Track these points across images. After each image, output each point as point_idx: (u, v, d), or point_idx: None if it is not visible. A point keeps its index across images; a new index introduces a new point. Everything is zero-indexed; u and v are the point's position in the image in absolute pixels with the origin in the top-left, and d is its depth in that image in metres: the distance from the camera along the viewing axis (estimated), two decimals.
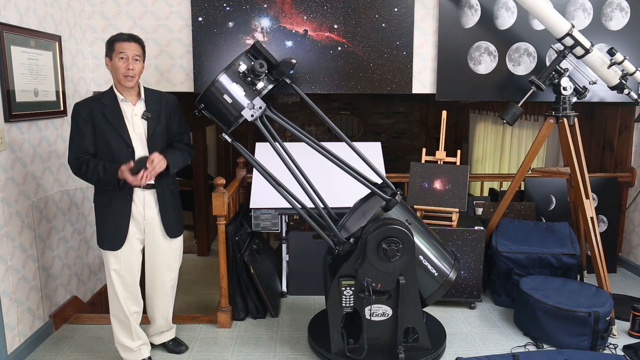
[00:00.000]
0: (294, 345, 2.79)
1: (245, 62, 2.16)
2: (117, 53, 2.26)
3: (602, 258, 2.97)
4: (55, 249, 2.96)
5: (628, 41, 3.46)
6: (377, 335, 2.43)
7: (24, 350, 2.62)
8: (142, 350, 2.52)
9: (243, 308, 3.08)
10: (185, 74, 3.40)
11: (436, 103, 5.95)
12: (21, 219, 2.63)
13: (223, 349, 2.76)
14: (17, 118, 2.56)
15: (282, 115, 2.31)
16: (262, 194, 3.19)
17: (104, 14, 3.32)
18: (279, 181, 2.36)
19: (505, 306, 3.24)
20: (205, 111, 2.21)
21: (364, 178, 2.40)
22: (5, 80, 2.47)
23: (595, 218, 3.02)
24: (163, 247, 2.47)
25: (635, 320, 2.85)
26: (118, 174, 2.22)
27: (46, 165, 2.87)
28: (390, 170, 3.43)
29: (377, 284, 2.32)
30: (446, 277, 2.42)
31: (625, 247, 4.03)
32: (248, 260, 3.00)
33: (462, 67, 3.44)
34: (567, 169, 3.14)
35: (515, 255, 3.17)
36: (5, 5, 2.48)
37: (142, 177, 2.21)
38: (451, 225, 3.14)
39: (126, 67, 2.26)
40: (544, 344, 2.76)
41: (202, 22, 3.30)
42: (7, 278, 2.51)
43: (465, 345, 2.78)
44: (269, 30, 3.33)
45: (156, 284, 2.54)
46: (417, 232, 2.38)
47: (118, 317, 2.45)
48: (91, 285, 3.41)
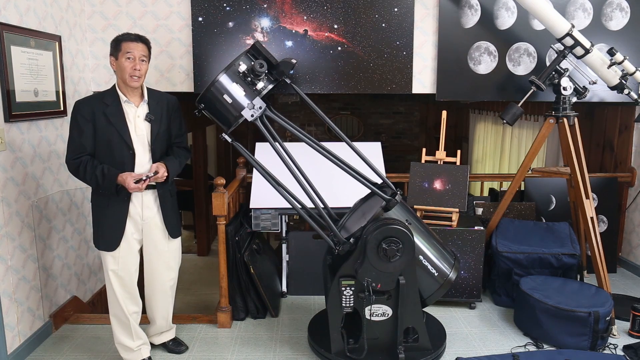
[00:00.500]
0: (294, 345, 2.79)
1: (245, 62, 2.16)
2: (123, 53, 2.24)
3: (602, 258, 2.98)
4: (55, 249, 2.96)
5: (628, 41, 3.46)
6: (377, 335, 2.43)
7: (24, 350, 2.62)
8: (142, 350, 2.52)
9: (243, 308, 3.08)
10: (185, 74, 3.40)
11: (436, 103, 5.95)
12: (21, 219, 2.63)
13: (223, 349, 2.76)
14: (17, 118, 2.56)
15: (282, 115, 2.31)
16: (262, 194, 3.19)
17: (104, 14, 3.32)
18: (279, 181, 2.36)
19: (505, 306, 3.24)
20: (205, 111, 2.21)
21: (364, 178, 2.40)
22: (5, 80, 2.47)
23: (595, 218, 3.02)
24: (162, 247, 2.47)
25: (635, 320, 2.85)
26: (117, 179, 2.22)
27: (46, 165, 2.87)
28: (390, 170, 3.43)
29: (377, 284, 2.32)
30: (446, 277, 2.42)
31: (625, 247, 4.03)
32: (248, 260, 3.00)
33: (462, 67, 3.44)
34: (567, 169, 3.14)
35: (515, 255, 3.17)
36: (5, 5, 2.48)
37: (143, 185, 2.23)
38: (451, 225, 3.14)
39: (133, 67, 2.24)
40: (544, 344, 2.76)
41: (202, 22, 3.30)
42: (7, 278, 2.51)
43: (465, 345, 2.78)
44: (269, 30, 3.33)
45: (155, 285, 2.54)
46: (417, 232, 2.38)
47: (118, 317, 2.45)
48: (91, 285, 3.41)
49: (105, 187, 2.26)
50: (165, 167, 2.32)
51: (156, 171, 2.27)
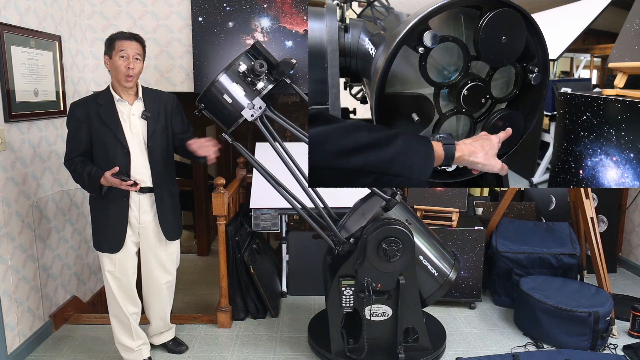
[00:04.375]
0: (294, 345, 2.79)
1: (245, 62, 2.16)
2: (117, 51, 2.23)
3: (602, 258, 2.97)
4: (55, 249, 2.96)
5: None
6: (377, 335, 2.43)
7: (24, 351, 2.62)
8: (142, 350, 2.52)
9: (243, 308, 3.08)
10: (185, 74, 3.40)
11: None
12: (21, 219, 2.63)
13: (223, 349, 2.76)
14: (17, 118, 2.56)
15: (282, 115, 2.31)
16: (262, 194, 3.19)
17: (104, 14, 3.32)
18: (279, 181, 2.36)
19: (505, 306, 3.24)
20: (205, 111, 2.21)
21: None
22: (5, 80, 2.47)
23: (595, 218, 3.02)
24: (158, 250, 2.46)
25: (635, 320, 2.85)
26: (100, 181, 2.20)
27: (46, 165, 2.87)
28: None
29: (377, 284, 2.32)
30: (446, 277, 2.42)
31: (625, 247, 4.03)
32: (248, 260, 3.00)
33: None
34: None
35: (515, 255, 3.17)
36: (5, 5, 2.48)
37: (131, 183, 2.19)
38: (451, 225, 3.14)
39: (126, 66, 2.23)
40: (544, 344, 2.76)
41: (202, 22, 3.30)
42: (7, 278, 2.51)
43: (465, 345, 2.78)
44: (269, 30, 3.33)
45: (152, 286, 2.53)
46: (417, 232, 2.38)
47: (118, 317, 2.45)
48: (91, 285, 3.41)
49: (90, 188, 2.26)
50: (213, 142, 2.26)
51: (135, 182, 2.21)
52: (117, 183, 2.18)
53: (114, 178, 2.17)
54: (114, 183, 2.18)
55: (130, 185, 2.19)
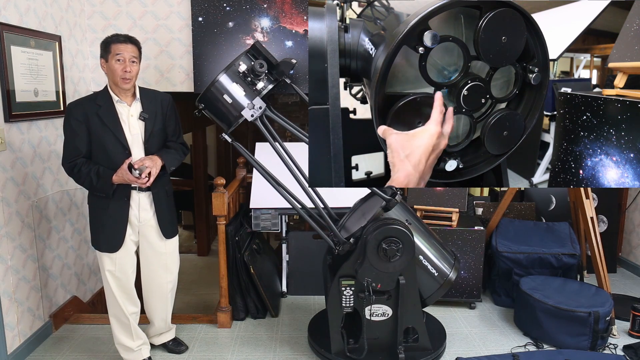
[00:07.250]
0: (294, 345, 2.79)
1: (245, 62, 2.16)
2: (113, 55, 2.22)
3: (602, 258, 2.97)
4: (55, 249, 2.96)
5: None
6: (377, 335, 2.43)
7: (24, 351, 2.62)
8: (142, 350, 2.52)
9: (243, 308, 3.08)
10: (185, 74, 3.40)
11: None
12: (21, 219, 2.63)
13: (223, 349, 2.76)
14: (17, 118, 2.56)
15: (282, 115, 2.31)
16: (262, 194, 3.19)
17: (104, 14, 3.32)
18: (279, 181, 2.37)
19: (505, 306, 3.24)
20: (205, 111, 2.21)
21: None
22: (5, 80, 2.47)
23: (595, 218, 3.02)
24: (159, 248, 2.46)
25: (635, 320, 2.85)
26: (112, 179, 2.21)
27: (46, 165, 2.87)
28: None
29: (377, 284, 2.32)
30: (446, 277, 2.42)
31: (625, 247, 4.03)
32: (248, 260, 3.00)
33: None
34: None
35: (515, 255, 3.17)
36: (5, 5, 2.48)
37: (145, 176, 2.21)
38: (451, 225, 3.14)
39: (123, 69, 2.22)
40: (544, 344, 2.76)
41: (202, 22, 3.30)
42: (7, 278, 2.51)
43: (465, 345, 2.78)
44: (269, 30, 3.33)
45: (153, 287, 2.53)
46: (417, 232, 2.38)
47: (117, 317, 2.45)
48: (91, 285, 3.41)
49: (100, 188, 2.25)
50: (155, 157, 2.28)
51: (141, 168, 2.23)
52: (132, 179, 2.19)
53: (130, 175, 2.18)
54: (130, 179, 2.19)
55: (141, 180, 2.20)
